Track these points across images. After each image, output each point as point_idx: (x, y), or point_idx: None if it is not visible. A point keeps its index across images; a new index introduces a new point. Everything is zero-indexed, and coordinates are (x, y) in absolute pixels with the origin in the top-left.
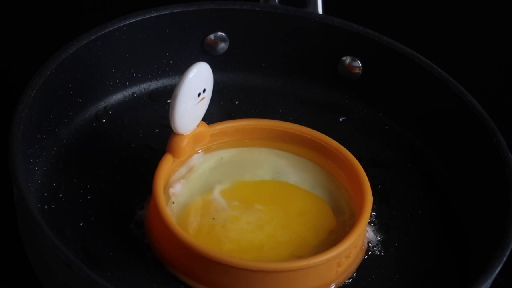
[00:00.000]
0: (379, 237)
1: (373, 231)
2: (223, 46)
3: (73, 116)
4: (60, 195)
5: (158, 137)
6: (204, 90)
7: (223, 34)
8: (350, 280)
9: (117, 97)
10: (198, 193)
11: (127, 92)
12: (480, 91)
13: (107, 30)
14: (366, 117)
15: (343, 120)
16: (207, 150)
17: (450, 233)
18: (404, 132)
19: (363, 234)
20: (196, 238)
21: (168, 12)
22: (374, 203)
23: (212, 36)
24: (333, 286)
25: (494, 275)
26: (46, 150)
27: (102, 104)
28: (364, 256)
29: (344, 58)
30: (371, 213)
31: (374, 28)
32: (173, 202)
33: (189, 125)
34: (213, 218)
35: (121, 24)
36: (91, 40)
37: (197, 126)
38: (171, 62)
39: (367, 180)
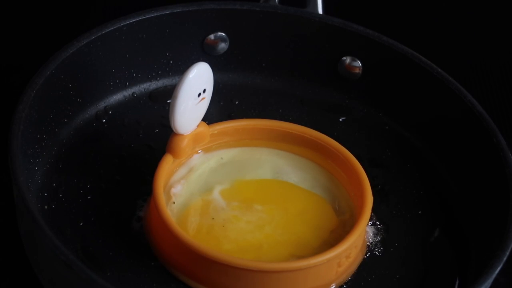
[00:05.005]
0: (379, 237)
1: (373, 231)
2: (223, 46)
3: (73, 116)
4: (60, 195)
5: (158, 137)
6: (204, 90)
7: (223, 34)
8: (350, 280)
9: (117, 97)
10: (198, 193)
11: (127, 92)
12: (480, 91)
13: (107, 30)
14: (366, 117)
15: (343, 120)
16: (207, 150)
17: (450, 233)
18: (404, 132)
19: (363, 234)
20: (195, 238)
21: (168, 12)
22: (374, 203)
23: (212, 36)
24: (333, 286)
25: (494, 275)
26: (46, 150)
27: (102, 104)
28: (364, 256)
29: (344, 58)
30: (371, 213)
31: (374, 28)
32: (174, 202)
33: (189, 125)
34: (213, 218)
35: (121, 24)
36: (91, 40)
37: (197, 126)
38: (171, 62)
39: (367, 180)
